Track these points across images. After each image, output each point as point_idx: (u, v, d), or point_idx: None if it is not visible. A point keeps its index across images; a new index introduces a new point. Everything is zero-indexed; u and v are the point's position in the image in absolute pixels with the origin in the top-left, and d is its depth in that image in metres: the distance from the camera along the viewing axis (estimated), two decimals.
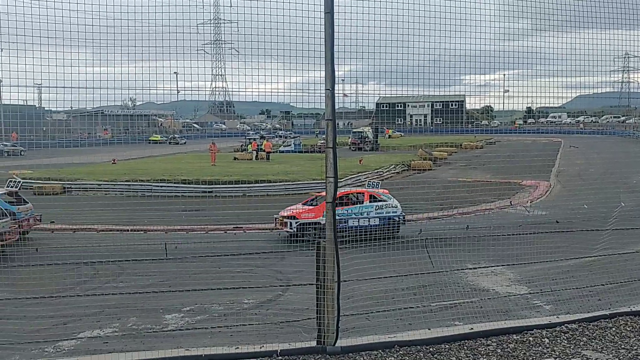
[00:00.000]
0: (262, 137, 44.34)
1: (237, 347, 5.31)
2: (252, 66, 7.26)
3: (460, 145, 50.18)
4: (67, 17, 6.58)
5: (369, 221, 14.59)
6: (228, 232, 16.18)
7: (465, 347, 5.25)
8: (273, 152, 40.63)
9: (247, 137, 45.34)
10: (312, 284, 6.34)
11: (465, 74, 8.06)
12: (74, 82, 6.99)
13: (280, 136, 53.08)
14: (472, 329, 5.77)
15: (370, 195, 15.25)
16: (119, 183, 25.53)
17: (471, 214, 17.68)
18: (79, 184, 26.12)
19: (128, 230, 16.90)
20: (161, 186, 24.23)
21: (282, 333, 6.75)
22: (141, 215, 19.36)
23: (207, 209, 19.69)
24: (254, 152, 38.62)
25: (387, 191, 16.14)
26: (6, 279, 10.24)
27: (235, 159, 39.06)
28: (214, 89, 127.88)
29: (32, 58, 6.63)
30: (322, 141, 52.56)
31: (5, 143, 49.99)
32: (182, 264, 11.36)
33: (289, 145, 47.04)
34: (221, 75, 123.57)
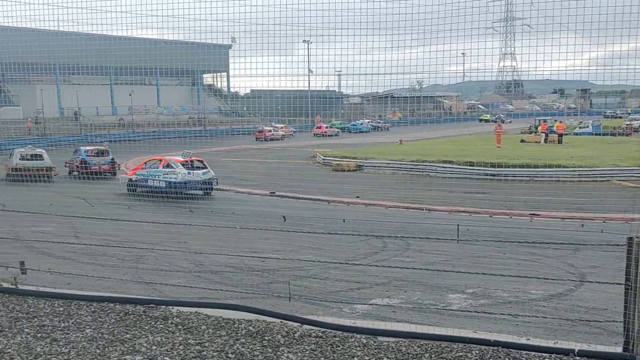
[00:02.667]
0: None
1: (528, 339, 5.15)
2: (544, 43, 6.80)
3: None
4: (363, 7, 7.14)
5: (158, 183, 19.46)
6: (514, 217, 15.62)
7: None
8: (566, 134, 37.35)
9: (536, 118, 42.69)
10: (613, 283, 5.71)
11: None
12: (368, 69, 7.60)
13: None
14: None
15: (166, 163, 19.99)
16: (406, 163, 26.79)
17: None
18: (371, 163, 28.26)
19: (414, 208, 17.67)
20: (445, 167, 24.61)
21: (574, 331, 6.28)
22: (426, 194, 20.07)
23: (491, 192, 19.33)
24: (544, 135, 36.10)
25: (202, 159, 21.11)
26: (313, 243, 11.82)
27: (522, 141, 37.18)
28: (502, 68, 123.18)
29: (330, 49, 7.40)
30: (629, 122, 46.18)
31: (378, 120, 58.60)
32: (466, 246, 11.40)
33: (587, 126, 42.55)
34: (510, 53, 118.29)
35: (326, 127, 51.13)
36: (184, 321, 5.64)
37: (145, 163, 20.76)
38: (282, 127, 48.42)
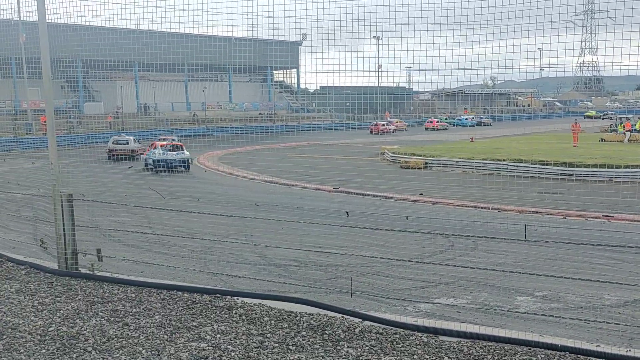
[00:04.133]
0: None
1: (598, 345, 4.92)
2: (630, 36, 6.42)
3: None
4: (433, 1, 7.00)
5: (148, 160, 25.34)
6: (589, 219, 14.90)
7: None
8: None
9: (618, 117, 40.47)
10: None
11: None
12: (439, 65, 7.45)
13: None
14: None
15: (155, 146, 26.39)
16: (475, 161, 26.15)
17: None
18: (439, 160, 27.79)
19: (482, 208, 17.23)
20: (517, 166, 23.81)
21: None
22: (495, 193, 19.50)
23: (566, 192, 18.52)
24: (627, 134, 34.16)
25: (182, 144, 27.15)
26: (376, 240, 11.79)
27: (601, 140, 35.36)
28: (582, 64, 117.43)
29: (402, 44, 7.30)
30: None
31: (482, 115, 60.63)
32: (537, 247, 11.00)
33: None
34: (591, 48, 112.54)
35: (437, 122, 52.30)
36: (248, 312, 5.79)
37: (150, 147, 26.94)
38: (396, 122, 49.00)
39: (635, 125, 35.14)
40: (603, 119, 48.72)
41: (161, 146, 26.44)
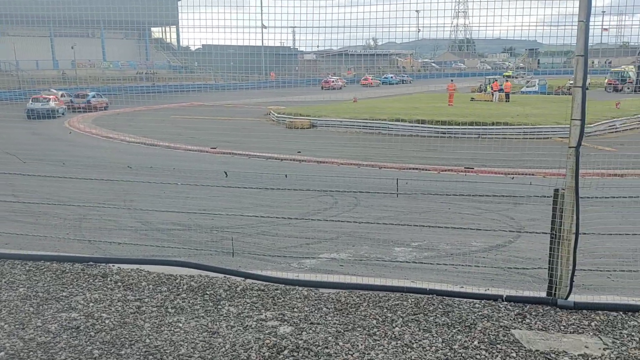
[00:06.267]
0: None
1: (462, 287, 5.34)
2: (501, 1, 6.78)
3: None
4: None
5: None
6: (459, 173, 16.00)
7: None
8: (513, 92, 38.17)
9: (487, 77, 43.34)
10: (547, 233, 5.96)
11: None
12: (322, 23, 7.41)
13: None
14: None
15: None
16: (358, 120, 26.85)
17: None
18: (324, 120, 28.20)
19: (365, 165, 17.82)
20: (396, 125, 24.80)
21: (510, 280, 6.56)
22: (377, 152, 20.25)
23: (441, 149, 19.67)
24: (496, 93, 36.78)
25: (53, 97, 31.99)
26: (262, 200, 11.81)
27: (472, 99, 37.78)
28: (455, 26, 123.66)
29: (287, 2, 7.15)
30: (572, 82, 47.57)
31: (404, 74, 65.03)
32: (414, 201, 11.63)
33: (533, 86, 43.56)
34: (464, 10, 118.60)
35: (371, 79, 61.72)
36: (124, 278, 5.57)
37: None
38: (338, 79, 56.60)
39: (502, 85, 37.88)
40: (516, 78, 52.63)
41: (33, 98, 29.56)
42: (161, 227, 9.51)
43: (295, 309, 4.84)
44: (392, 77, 67.24)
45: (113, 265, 5.94)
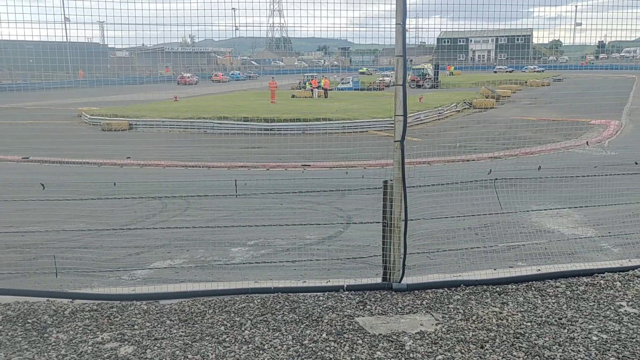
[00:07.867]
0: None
1: (305, 282, 5.46)
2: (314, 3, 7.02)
3: (525, 82, 48.14)
4: None
5: None
6: (289, 169, 16.39)
7: (533, 288, 5.18)
8: (331, 89, 40.26)
9: (305, 74, 45.04)
10: (372, 222, 6.36)
11: (533, 5, 7.54)
12: (132, 20, 6.98)
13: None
14: (539, 270, 5.67)
15: None
16: (181, 120, 26.08)
17: (536, 154, 17.11)
18: (144, 121, 26.88)
19: (192, 166, 17.38)
20: (222, 123, 24.60)
21: (344, 268, 6.88)
22: (204, 151, 19.87)
23: (267, 146, 19.95)
24: (315, 90, 38.44)
25: None
26: (82, 211, 10.84)
27: (293, 96, 39.01)
28: (272, 25, 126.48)
29: None
30: (381, 78, 51.59)
31: (250, 72, 68.24)
32: (246, 199, 11.63)
33: (347, 82, 46.43)
34: (279, 10, 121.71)
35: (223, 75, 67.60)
36: None
37: None
38: (191, 75, 59.80)
39: (320, 82, 39.67)
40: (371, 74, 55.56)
41: None
42: None
43: (135, 326, 4.50)
44: (240, 74, 75.27)
45: None
